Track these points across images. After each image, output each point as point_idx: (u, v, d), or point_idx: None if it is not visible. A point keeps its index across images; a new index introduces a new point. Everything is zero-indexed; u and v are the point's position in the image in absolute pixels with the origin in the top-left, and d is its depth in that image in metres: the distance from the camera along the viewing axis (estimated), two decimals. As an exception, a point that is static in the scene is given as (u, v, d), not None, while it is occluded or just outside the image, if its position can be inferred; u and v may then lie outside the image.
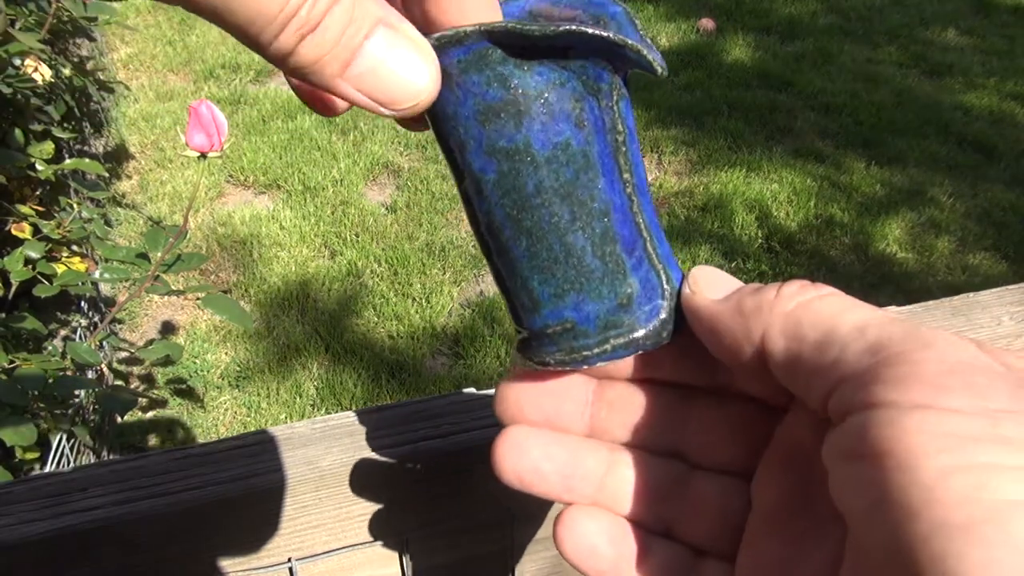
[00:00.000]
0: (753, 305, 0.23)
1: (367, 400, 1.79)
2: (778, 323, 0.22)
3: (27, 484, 0.35)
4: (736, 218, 2.38)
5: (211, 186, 2.43)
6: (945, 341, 0.19)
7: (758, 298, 0.23)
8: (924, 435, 0.17)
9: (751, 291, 0.23)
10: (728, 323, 0.23)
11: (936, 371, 0.18)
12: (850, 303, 0.22)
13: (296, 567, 0.38)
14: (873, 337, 0.20)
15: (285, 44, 0.18)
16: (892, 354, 0.19)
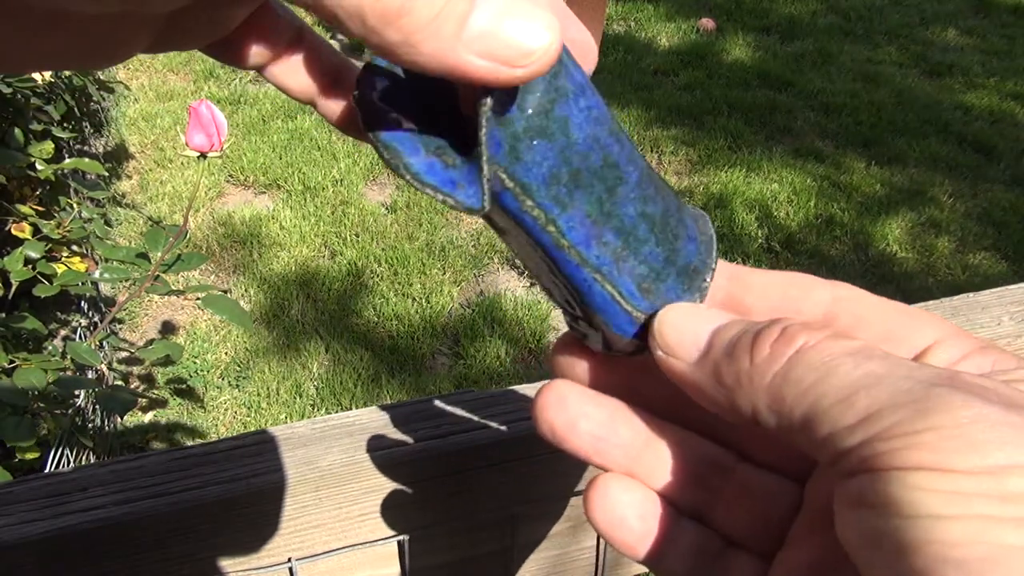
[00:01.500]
0: (732, 379, 0.21)
1: (367, 400, 1.79)
2: (763, 401, 0.20)
3: (27, 484, 0.35)
4: (736, 218, 2.38)
5: (211, 186, 2.44)
6: (940, 401, 0.17)
7: (735, 369, 0.21)
8: (926, 492, 0.16)
9: (724, 354, 0.22)
10: (714, 395, 0.22)
11: (935, 439, 0.17)
12: (829, 358, 0.19)
13: (296, 567, 0.38)
14: (862, 410, 0.18)
15: (390, 6, 0.16)
16: (887, 427, 0.17)
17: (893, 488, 0.17)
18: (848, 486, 0.18)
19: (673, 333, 0.23)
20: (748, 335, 0.21)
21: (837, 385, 0.19)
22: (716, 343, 0.22)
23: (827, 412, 0.18)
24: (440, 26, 0.16)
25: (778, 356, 0.20)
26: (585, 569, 0.46)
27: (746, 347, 0.21)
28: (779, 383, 0.20)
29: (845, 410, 0.18)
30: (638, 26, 3.55)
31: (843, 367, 0.19)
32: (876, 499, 0.17)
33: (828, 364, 0.19)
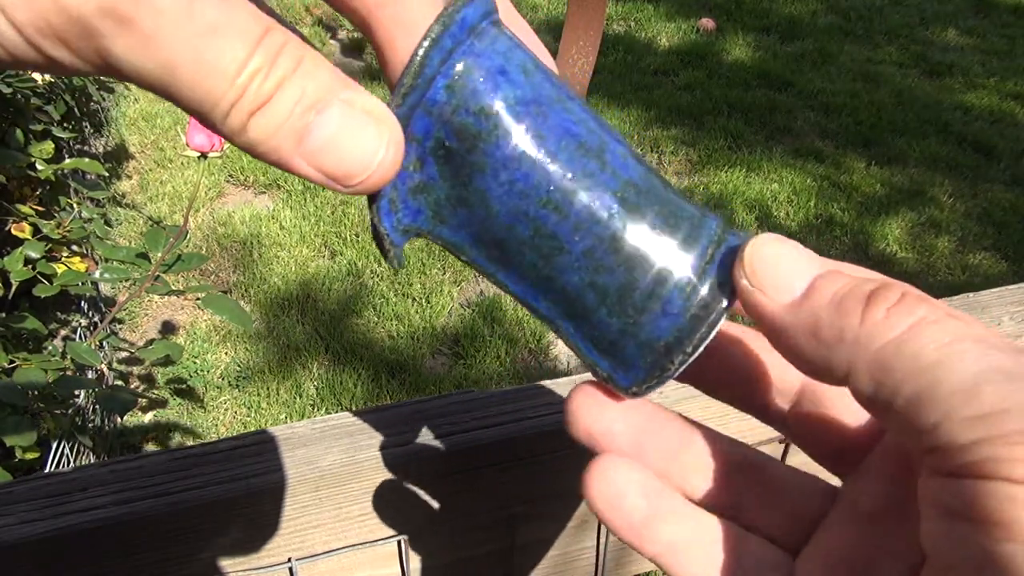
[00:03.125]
0: (834, 334, 0.19)
1: (367, 400, 1.79)
2: (864, 363, 0.18)
3: (27, 484, 0.35)
4: (736, 218, 2.38)
5: (211, 186, 2.44)
6: None
7: (839, 325, 0.19)
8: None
9: (830, 307, 0.19)
10: (803, 346, 0.20)
11: None
12: (953, 339, 0.17)
13: (296, 567, 0.38)
14: (988, 406, 0.16)
15: (235, 123, 0.18)
16: (1014, 431, 0.15)
17: (1009, 507, 0.15)
18: (948, 489, 0.17)
19: (767, 266, 0.21)
20: (860, 292, 0.19)
21: (962, 372, 0.17)
22: (819, 290, 0.20)
23: (945, 398, 0.17)
24: (281, 140, 0.18)
25: (896, 322, 0.18)
26: (585, 569, 0.46)
27: (858, 303, 0.19)
28: (892, 352, 0.18)
29: (967, 400, 0.16)
30: (638, 26, 3.55)
31: (969, 353, 0.17)
32: (984, 515, 0.15)
33: (952, 346, 0.17)
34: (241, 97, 0.17)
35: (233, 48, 0.17)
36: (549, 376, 1.86)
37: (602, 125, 0.22)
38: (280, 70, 0.18)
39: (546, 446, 0.39)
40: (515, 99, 0.21)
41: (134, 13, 0.16)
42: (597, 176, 0.21)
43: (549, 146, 0.21)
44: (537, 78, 0.21)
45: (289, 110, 0.18)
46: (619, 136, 0.23)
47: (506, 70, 0.20)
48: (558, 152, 0.21)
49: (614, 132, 0.23)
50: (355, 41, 3.37)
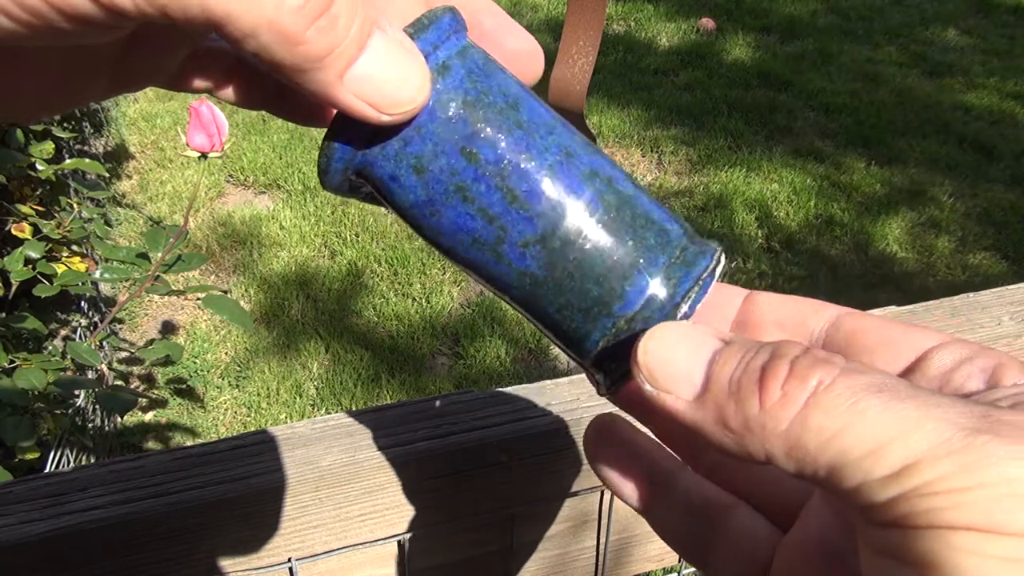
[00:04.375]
0: (739, 423, 0.19)
1: (367, 400, 1.79)
2: (779, 447, 0.18)
3: (27, 484, 0.35)
4: (736, 218, 2.38)
5: (211, 186, 2.44)
6: (986, 452, 0.16)
7: (742, 414, 0.19)
8: (983, 558, 0.15)
9: (728, 395, 0.19)
10: (719, 439, 0.19)
11: (984, 497, 0.15)
12: (854, 400, 0.17)
13: (296, 567, 0.38)
14: (898, 461, 0.16)
15: (295, 26, 0.17)
16: (927, 482, 0.16)
17: (937, 548, 0.15)
18: (880, 536, 0.17)
19: (663, 364, 0.20)
20: (753, 372, 0.19)
21: (866, 433, 0.17)
22: (715, 379, 0.20)
23: (857, 463, 0.17)
24: (332, 63, 0.18)
25: (792, 400, 0.18)
26: (585, 569, 0.46)
27: (752, 388, 0.19)
28: (797, 431, 0.18)
29: (877, 461, 0.16)
30: (638, 26, 3.55)
31: (870, 411, 0.17)
32: (916, 557, 0.16)
33: (853, 408, 0.17)
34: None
35: None
36: (549, 376, 1.86)
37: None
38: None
39: (546, 446, 0.39)
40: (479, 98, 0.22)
41: None
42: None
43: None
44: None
45: (347, 26, 0.18)
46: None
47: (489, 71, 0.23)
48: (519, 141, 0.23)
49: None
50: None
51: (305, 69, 0.18)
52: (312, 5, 0.17)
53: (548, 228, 0.22)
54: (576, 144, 0.23)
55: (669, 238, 0.23)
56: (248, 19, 0.16)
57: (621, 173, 0.24)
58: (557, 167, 0.22)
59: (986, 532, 0.15)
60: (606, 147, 2.70)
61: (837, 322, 0.24)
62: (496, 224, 0.22)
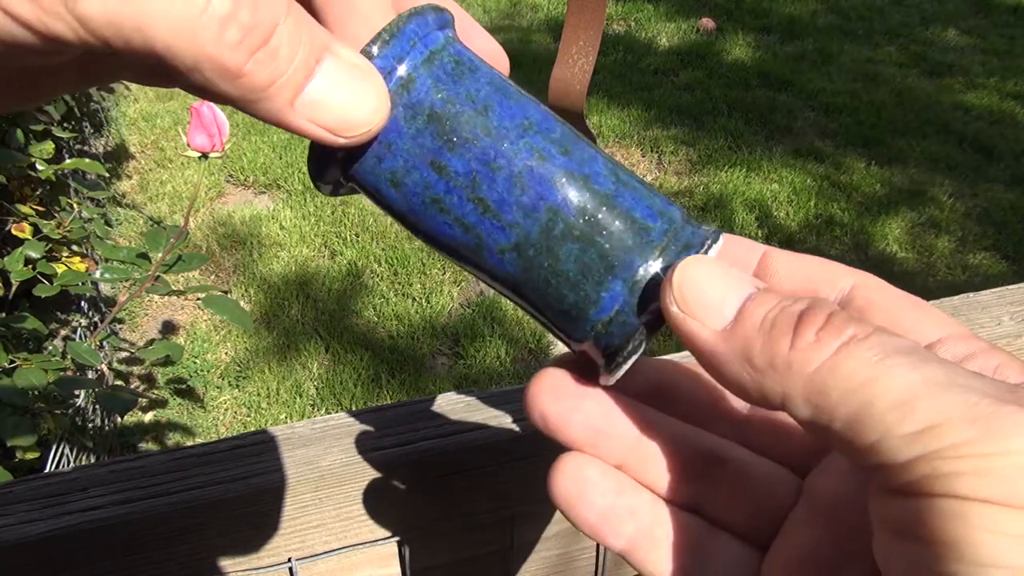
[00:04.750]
0: (765, 360, 0.19)
1: (367, 400, 1.79)
2: (799, 389, 0.18)
3: (27, 484, 0.35)
4: (736, 218, 2.38)
5: (211, 186, 2.44)
6: (1013, 421, 0.15)
7: (770, 350, 0.19)
8: (995, 535, 0.14)
9: (760, 333, 0.19)
10: (737, 373, 0.19)
11: (1007, 465, 0.15)
12: (884, 356, 0.17)
13: (296, 567, 0.38)
14: (923, 420, 0.16)
15: (233, 60, 0.17)
16: (952, 445, 0.15)
17: (952, 523, 0.15)
18: (895, 508, 0.17)
19: (696, 292, 0.20)
20: (789, 315, 0.19)
21: (895, 387, 0.16)
22: (749, 315, 0.20)
23: (881, 416, 0.16)
24: (277, 92, 0.18)
25: (825, 345, 0.18)
26: (585, 569, 0.46)
27: (787, 328, 0.19)
28: (824, 375, 0.18)
29: (902, 417, 0.16)
30: (638, 26, 3.55)
31: (900, 368, 0.17)
32: (929, 532, 0.15)
33: (883, 363, 0.17)
34: (225, 30, 0.16)
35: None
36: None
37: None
38: (270, 8, 0.17)
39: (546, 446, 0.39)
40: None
41: None
42: None
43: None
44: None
45: (291, 56, 0.18)
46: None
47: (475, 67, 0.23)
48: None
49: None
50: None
51: (251, 100, 0.18)
52: (251, 38, 0.17)
53: (521, 237, 0.22)
54: (550, 144, 0.22)
55: (649, 237, 0.22)
56: (189, 54, 0.16)
57: (602, 167, 0.23)
58: (527, 174, 0.22)
59: (1004, 506, 0.15)
60: (606, 147, 2.70)
61: (851, 295, 0.24)
62: (472, 233, 0.22)
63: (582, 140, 0.23)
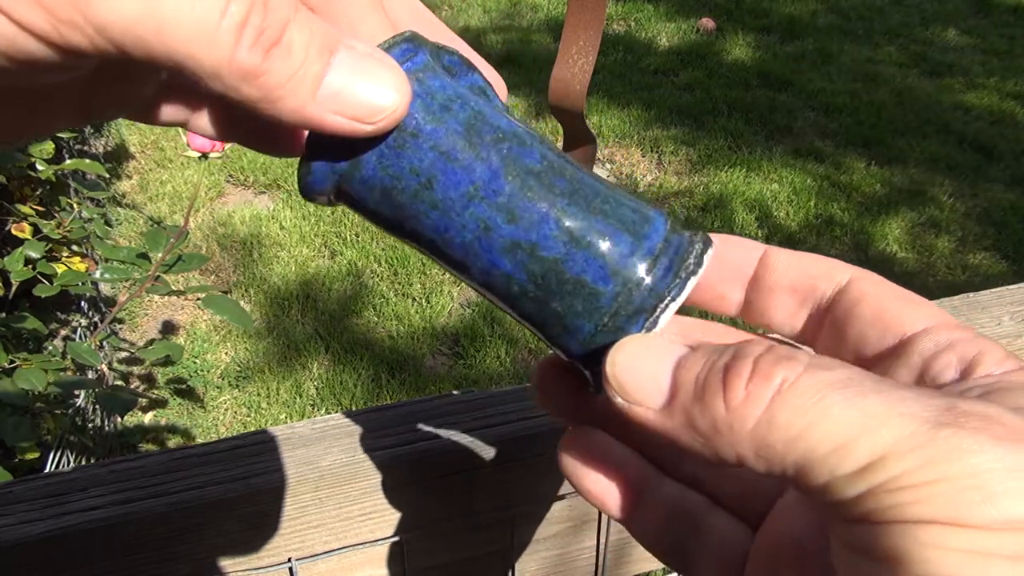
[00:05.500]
0: (707, 426, 0.19)
1: (367, 400, 1.79)
2: (747, 448, 0.18)
3: (27, 484, 0.35)
4: (736, 218, 2.38)
5: (211, 186, 2.44)
6: (950, 446, 0.16)
7: (709, 416, 0.19)
8: (944, 551, 0.15)
9: (694, 399, 0.19)
10: (690, 444, 0.19)
11: (947, 490, 0.15)
12: (818, 397, 0.17)
13: (296, 567, 0.38)
14: (864, 457, 0.16)
15: (250, 61, 0.17)
16: (894, 477, 0.16)
17: (903, 543, 0.16)
18: (849, 532, 0.17)
19: (629, 377, 0.21)
20: (716, 373, 0.19)
21: (831, 430, 0.17)
22: (681, 385, 0.20)
23: (823, 460, 0.17)
24: (296, 86, 0.18)
25: (757, 398, 0.18)
26: (585, 569, 0.46)
27: (717, 389, 0.19)
28: (764, 430, 0.18)
29: (843, 458, 0.17)
30: (638, 26, 3.55)
31: (834, 408, 0.17)
32: (883, 553, 0.16)
33: (817, 405, 0.17)
34: (243, 27, 0.17)
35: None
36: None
37: None
38: (280, 10, 0.17)
39: (546, 446, 0.39)
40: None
41: None
42: None
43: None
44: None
45: (304, 50, 0.18)
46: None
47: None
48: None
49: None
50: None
51: (274, 99, 0.18)
52: (265, 37, 0.17)
53: (485, 292, 0.23)
54: (496, 212, 0.22)
55: (598, 303, 0.22)
56: (209, 61, 0.17)
57: (553, 228, 0.22)
58: (476, 245, 0.22)
59: (949, 525, 0.15)
60: (606, 147, 2.70)
61: (846, 287, 0.24)
62: (454, 272, 0.24)
63: (537, 187, 0.22)
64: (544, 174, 0.22)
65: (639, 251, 0.22)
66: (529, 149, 0.22)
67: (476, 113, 0.22)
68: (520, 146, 0.22)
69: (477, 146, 0.22)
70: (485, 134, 0.22)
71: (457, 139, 0.22)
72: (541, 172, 0.22)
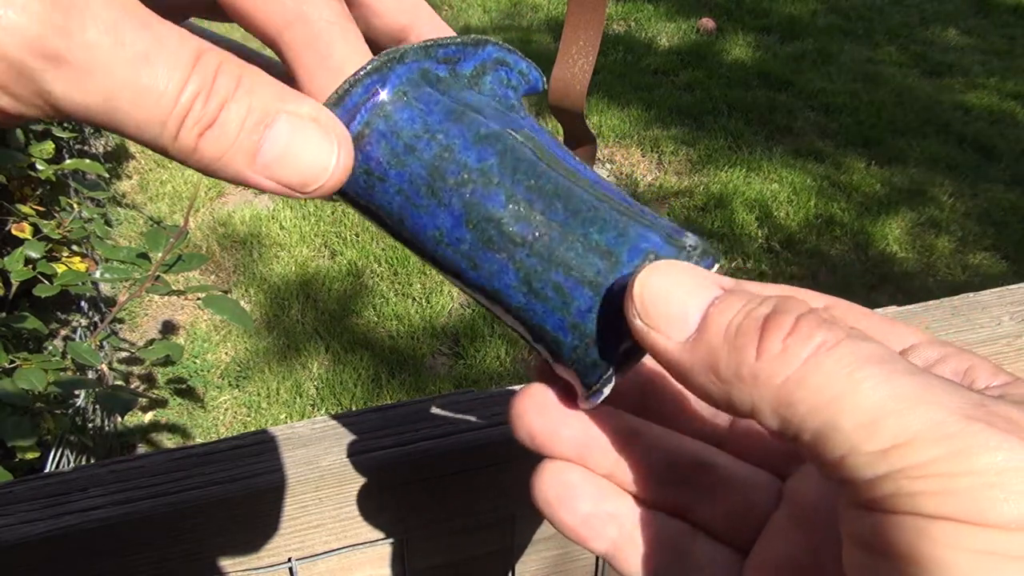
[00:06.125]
0: (731, 371, 0.18)
1: (367, 400, 1.79)
2: (767, 401, 0.18)
3: (27, 484, 0.35)
4: (736, 218, 2.38)
5: (211, 186, 2.44)
6: (978, 440, 0.15)
7: (736, 361, 0.18)
8: (957, 551, 0.15)
9: (724, 342, 0.19)
10: (705, 384, 0.19)
11: (971, 485, 0.15)
12: (853, 367, 0.17)
13: (296, 567, 0.38)
14: (890, 438, 0.16)
15: (186, 143, 0.18)
16: (918, 464, 0.15)
17: (915, 539, 0.15)
18: (862, 522, 0.17)
19: (658, 302, 0.20)
20: (754, 320, 0.18)
21: (862, 404, 0.16)
22: (713, 324, 0.19)
23: (848, 433, 0.16)
24: (231, 160, 0.19)
25: (792, 355, 0.17)
26: (585, 569, 0.46)
27: (752, 337, 0.18)
28: (791, 388, 0.17)
29: (869, 435, 0.16)
30: (638, 26, 3.55)
31: (868, 382, 0.16)
32: (898, 551, 0.16)
33: (852, 376, 0.17)
34: (185, 117, 0.18)
35: (168, 72, 0.17)
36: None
37: None
38: (221, 89, 0.18)
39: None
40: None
41: (64, 49, 0.16)
42: None
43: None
44: None
45: (239, 127, 0.19)
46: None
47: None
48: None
49: None
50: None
51: (214, 169, 0.19)
52: (203, 120, 0.18)
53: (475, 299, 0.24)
54: (460, 258, 0.22)
55: (560, 349, 0.22)
56: (155, 143, 0.18)
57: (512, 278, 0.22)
58: (452, 277, 0.23)
59: (966, 523, 0.15)
60: (606, 147, 2.70)
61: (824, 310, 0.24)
62: None
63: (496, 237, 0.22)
64: (506, 221, 0.21)
65: (595, 307, 0.22)
66: (495, 190, 0.21)
67: (443, 150, 0.21)
68: (486, 186, 0.21)
69: (440, 191, 0.21)
70: (449, 175, 0.21)
71: (420, 184, 0.22)
72: (503, 219, 0.21)
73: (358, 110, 0.21)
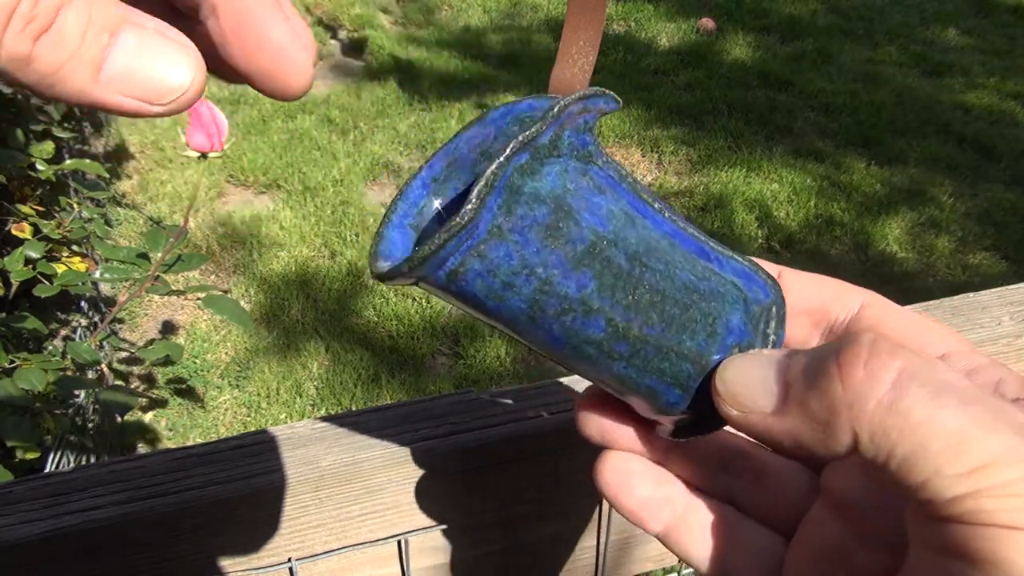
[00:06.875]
0: (825, 410, 0.19)
1: (367, 400, 1.79)
2: (866, 430, 0.18)
3: (27, 484, 0.35)
4: (736, 218, 2.38)
5: (211, 186, 2.44)
6: None
7: (827, 400, 0.19)
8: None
9: (806, 388, 0.20)
10: (805, 439, 0.20)
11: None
12: (935, 394, 0.18)
13: (296, 567, 0.38)
14: (974, 460, 0.17)
15: (18, 49, 0.16)
16: (999, 484, 0.17)
17: (996, 546, 0.16)
18: (938, 531, 0.18)
19: (740, 388, 0.22)
20: (827, 359, 0.19)
21: (948, 429, 0.17)
22: (792, 380, 0.20)
23: (935, 456, 0.17)
24: (72, 70, 0.17)
25: (878, 378, 0.18)
26: (585, 569, 0.46)
27: (832, 371, 0.19)
28: (884, 412, 0.18)
29: (955, 458, 0.17)
30: (638, 26, 3.55)
31: (950, 409, 0.18)
32: (972, 553, 0.17)
33: (935, 401, 0.18)
34: (12, 15, 0.16)
35: None
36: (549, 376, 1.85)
37: None
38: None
39: (546, 446, 0.39)
40: None
41: None
42: None
43: None
44: None
45: (80, 34, 0.17)
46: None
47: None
48: None
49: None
50: (355, 41, 3.37)
51: (52, 83, 0.17)
52: (35, 24, 0.17)
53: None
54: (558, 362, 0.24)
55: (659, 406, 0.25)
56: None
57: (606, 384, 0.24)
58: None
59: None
60: (606, 147, 2.70)
61: (860, 315, 0.25)
62: None
63: (595, 355, 0.23)
64: (604, 341, 0.22)
65: (685, 400, 0.24)
66: (595, 317, 0.22)
67: (542, 284, 0.21)
68: (586, 315, 0.22)
69: (539, 319, 0.22)
70: (549, 308, 0.21)
71: (520, 315, 0.22)
72: (602, 342, 0.22)
73: (451, 254, 0.20)
